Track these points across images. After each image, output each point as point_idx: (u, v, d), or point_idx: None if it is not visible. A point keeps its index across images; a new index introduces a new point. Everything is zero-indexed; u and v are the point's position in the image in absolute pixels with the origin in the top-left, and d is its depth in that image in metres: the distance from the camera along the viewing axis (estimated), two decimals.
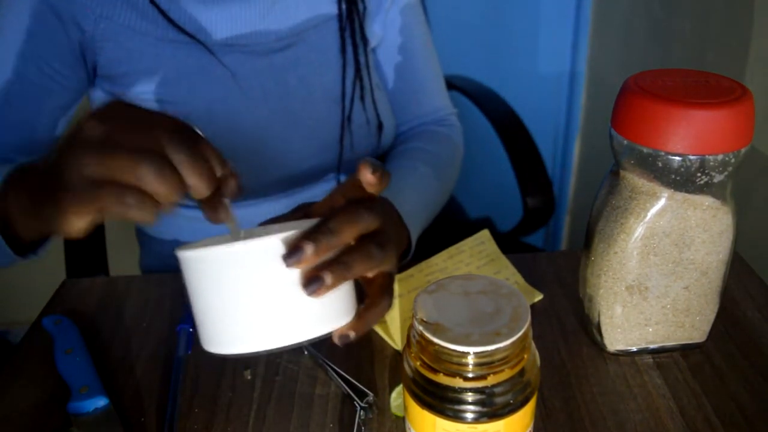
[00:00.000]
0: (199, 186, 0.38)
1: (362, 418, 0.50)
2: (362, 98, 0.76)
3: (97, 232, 0.92)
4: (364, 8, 0.77)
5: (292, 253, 0.38)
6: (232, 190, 0.41)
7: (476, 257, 0.67)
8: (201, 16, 0.67)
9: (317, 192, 0.80)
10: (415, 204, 0.66)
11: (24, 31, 0.64)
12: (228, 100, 0.69)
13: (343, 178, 0.82)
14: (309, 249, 0.38)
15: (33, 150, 0.70)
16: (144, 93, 0.68)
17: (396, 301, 0.60)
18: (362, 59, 0.76)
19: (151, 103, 0.68)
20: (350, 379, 0.54)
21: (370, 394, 0.52)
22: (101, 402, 0.52)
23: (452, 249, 0.67)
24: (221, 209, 0.40)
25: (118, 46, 0.66)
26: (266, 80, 0.71)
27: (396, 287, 0.62)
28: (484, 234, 0.69)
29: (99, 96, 0.72)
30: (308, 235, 0.39)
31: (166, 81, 0.67)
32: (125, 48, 0.66)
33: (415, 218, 0.65)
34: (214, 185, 0.39)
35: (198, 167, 0.38)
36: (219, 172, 0.40)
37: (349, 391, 0.52)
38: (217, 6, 0.68)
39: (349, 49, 0.75)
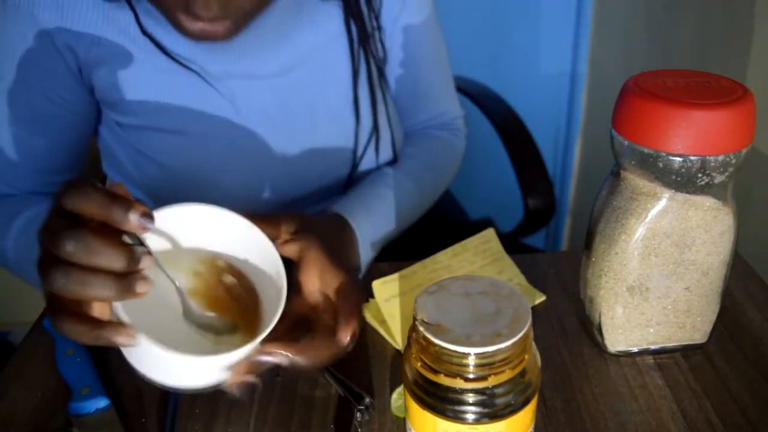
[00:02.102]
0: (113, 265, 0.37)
1: (359, 420, 0.50)
2: (375, 109, 0.74)
3: None
4: (379, 28, 0.73)
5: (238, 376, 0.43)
6: (139, 227, 0.38)
7: (480, 256, 0.67)
8: (196, 44, 0.64)
9: (321, 209, 0.79)
10: (377, 230, 0.67)
11: (26, 64, 0.63)
12: (226, 127, 0.67)
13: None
14: (252, 380, 0.43)
15: (74, 165, 0.72)
16: (139, 121, 0.66)
17: (396, 300, 0.60)
18: (376, 82, 0.73)
19: (145, 131, 0.67)
20: (346, 381, 0.53)
21: (367, 396, 0.52)
22: (102, 403, 0.52)
23: (457, 246, 0.67)
24: (140, 284, 0.39)
25: (110, 72, 0.64)
26: (268, 106, 0.68)
27: (396, 285, 0.62)
28: (490, 233, 0.69)
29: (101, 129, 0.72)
30: (246, 367, 0.43)
31: (161, 109, 0.65)
32: (117, 75, 0.64)
33: (371, 245, 0.66)
34: (123, 255, 0.38)
35: (98, 255, 0.37)
36: (117, 215, 0.38)
37: (345, 393, 0.52)
38: None
39: (363, 73, 0.72)
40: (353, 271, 0.65)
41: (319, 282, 0.48)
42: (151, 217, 0.39)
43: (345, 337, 0.46)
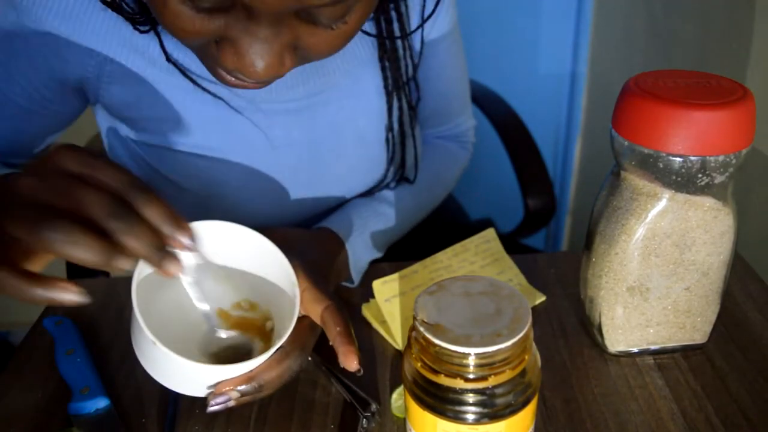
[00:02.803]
0: (136, 250, 0.39)
1: (365, 427, 0.50)
2: (403, 146, 0.73)
3: None
4: (414, 67, 0.70)
5: (217, 397, 0.45)
6: (182, 245, 0.41)
7: (481, 256, 0.67)
8: None
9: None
10: (370, 249, 0.68)
11: (12, 55, 0.60)
12: (248, 148, 0.65)
13: None
14: (234, 396, 0.45)
15: (22, 154, 0.69)
16: (155, 140, 0.64)
17: (396, 300, 0.61)
18: (407, 122, 0.72)
19: (163, 150, 0.65)
20: (352, 386, 0.53)
21: (373, 403, 0.51)
22: (102, 403, 0.52)
23: (458, 246, 0.67)
24: (171, 264, 0.41)
25: (125, 90, 0.61)
26: (291, 129, 0.66)
27: (396, 285, 0.62)
28: (490, 233, 0.69)
29: (104, 122, 0.69)
30: (236, 382, 0.45)
31: (181, 129, 0.63)
32: (134, 93, 0.61)
33: (365, 262, 0.67)
34: (152, 248, 0.39)
35: (133, 235, 0.38)
36: (167, 230, 0.40)
37: (351, 399, 0.52)
38: None
39: (395, 116, 0.70)
40: (346, 281, 0.65)
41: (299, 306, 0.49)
42: (192, 240, 0.41)
43: (351, 364, 0.47)
